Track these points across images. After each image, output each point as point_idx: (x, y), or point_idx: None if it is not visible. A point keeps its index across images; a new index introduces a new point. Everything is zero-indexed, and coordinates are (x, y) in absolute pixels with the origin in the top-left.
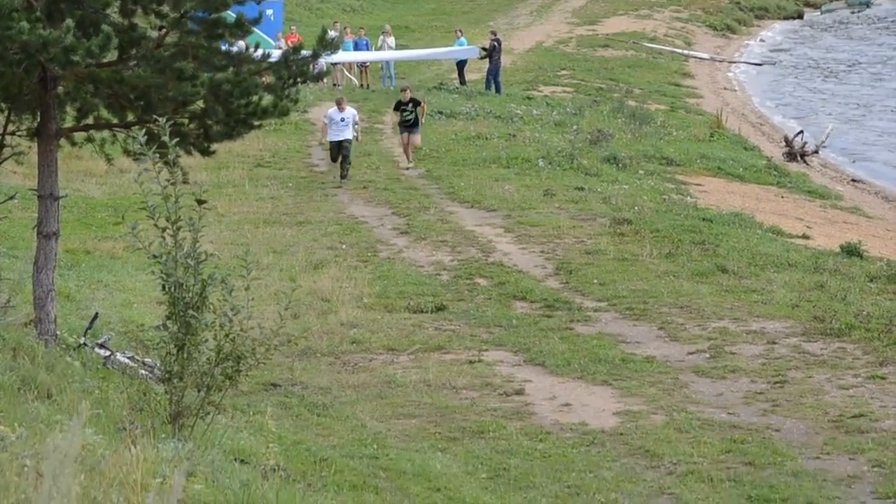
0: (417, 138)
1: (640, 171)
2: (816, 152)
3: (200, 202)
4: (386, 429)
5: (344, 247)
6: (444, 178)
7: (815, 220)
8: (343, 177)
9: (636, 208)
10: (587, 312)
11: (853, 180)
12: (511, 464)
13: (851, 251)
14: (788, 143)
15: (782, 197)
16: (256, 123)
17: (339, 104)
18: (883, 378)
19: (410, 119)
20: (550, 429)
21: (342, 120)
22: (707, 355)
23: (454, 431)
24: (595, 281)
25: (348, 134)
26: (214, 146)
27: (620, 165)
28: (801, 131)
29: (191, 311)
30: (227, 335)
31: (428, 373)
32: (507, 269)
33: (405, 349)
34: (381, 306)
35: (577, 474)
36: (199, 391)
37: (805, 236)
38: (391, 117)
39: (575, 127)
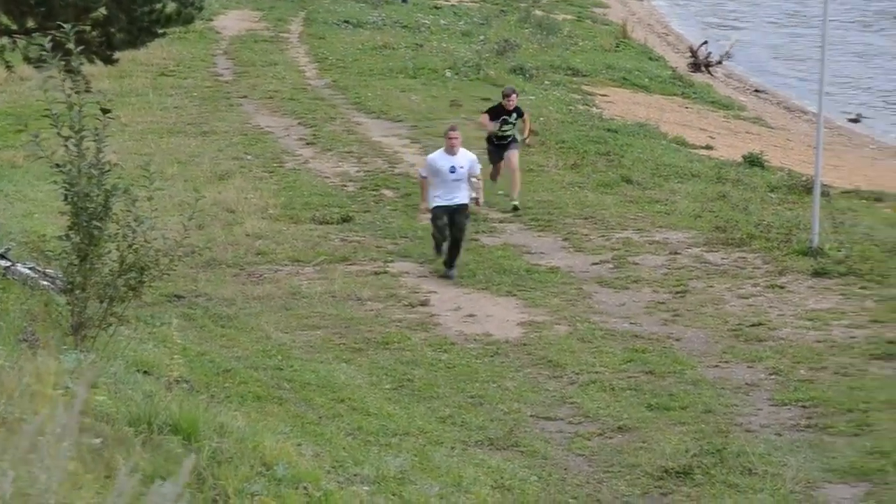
0: (516, 157)
1: (547, 82)
2: (720, 63)
3: (105, 111)
4: (290, 340)
5: (249, 157)
6: (351, 88)
7: (718, 131)
8: (450, 265)
9: (542, 119)
10: (492, 223)
11: (756, 91)
12: (415, 374)
13: (753, 161)
14: (693, 53)
15: (686, 108)
16: (160, 31)
17: (450, 140)
18: (781, 287)
19: (509, 135)
20: (455, 339)
21: (453, 171)
22: (610, 266)
23: (359, 343)
24: (500, 192)
25: (464, 195)
26: (117, 54)
27: (527, 76)
28: (706, 42)
29: (94, 222)
30: (130, 246)
31: (333, 284)
32: (413, 181)
33: (310, 261)
34: (287, 217)
35: (481, 384)
36: (101, 302)
37: (708, 147)
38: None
39: (482, 37)
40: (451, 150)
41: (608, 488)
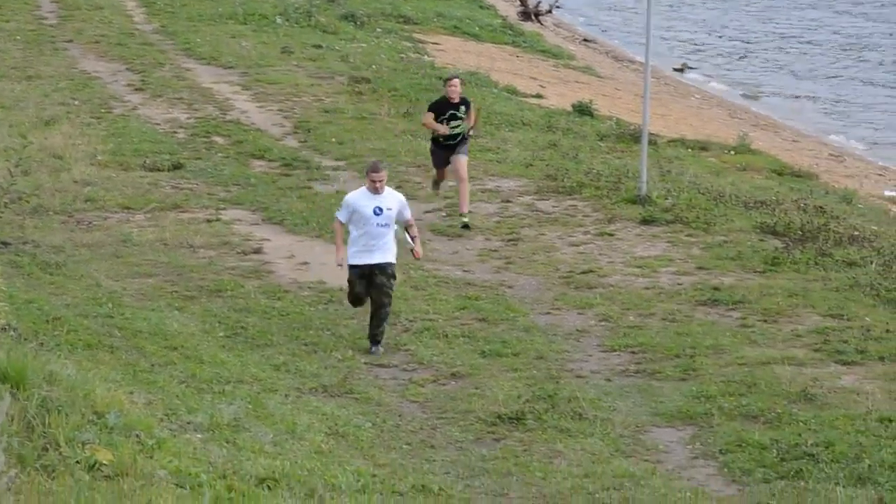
0: (464, 162)
1: (378, 30)
2: (550, 12)
3: None
4: (121, 288)
5: (76, 103)
6: (180, 33)
7: (548, 80)
8: (372, 339)
9: (374, 67)
10: (326, 171)
11: (585, 40)
12: (249, 322)
13: (583, 110)
14: (523, 2)
15: (517, 56)
16: None
17: (372, 182)
18: (611, 235)
19: (459, 133)
20: (288, 287)
21: (378, 212)
22: (443, 214)
23: (191, 290)
24: (333, 140)
25: (389, 250)
26: None
27: (358, 23)
28: None
29: None
30: None
31: (164, 231)
32: (245, 128)
33: (141, 208)
34: (116, 164)
35: (315, 332)
36: None
37: (539, 96)
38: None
39: None
40: (374, 190)
41: (442, 434)
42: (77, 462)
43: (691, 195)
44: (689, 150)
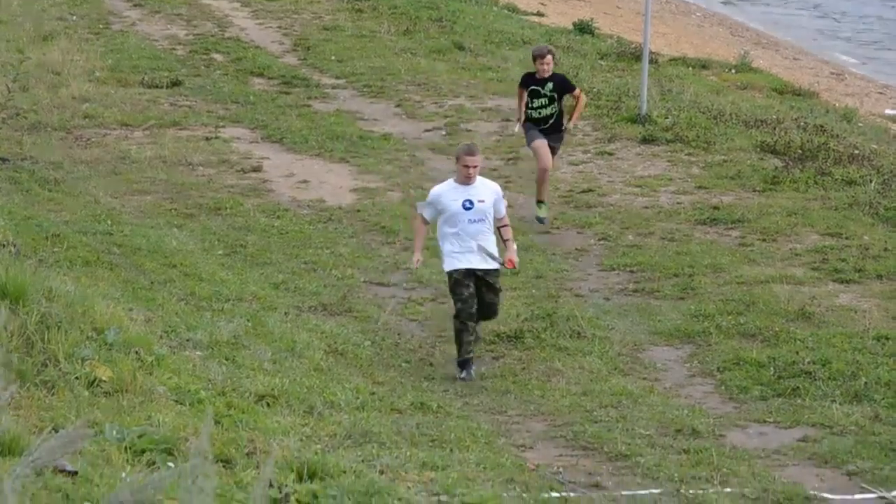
0: (553, 154)
1: None
2: None
3: None
4: (120, 205)
5: (74, 18)
6: None
7: None
8: (465, 360)
9: None
10: (325, 89)
11: None
12: (248, 240)
13: (583, 29)
14: None
15: None
16: None
17: (467, 160)
18: (611, 154)
19: (550, 115)
20: (288, 206)
21: (468, 206)
22: (443, 132)
23: (190, 208)
24: (333, 58)
25: (491, 250)
26: None
27: None
28: None
29: None
30: None
31: (163, 149)
32: (244, 45)
33: (140, 124)
34: (115, 80)
35: (314, 251)
36: None
37: (539, 14)
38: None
39: None
40: (465, 181)
41: (440, 352)
42: (76, 378)
43: (691, 114)
44: (690, 68)
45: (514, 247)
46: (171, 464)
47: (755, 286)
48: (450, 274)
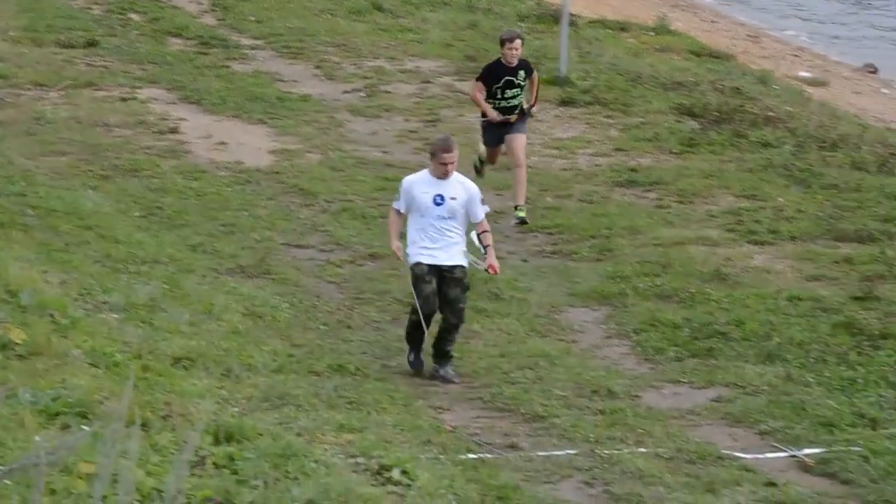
0: (522, 142)
1: None
2: None
3: None
4: (35, 166)
5: None
6: None
7: None
8: (441, 356)
9: None
10: (244, 50)
11: None
12: (165, 202)
13: None
14: None
15: None
16: None
17: (444, 157)
18: (530, 116)
19: (516, 105)
20: (206, 167)
21: (439, 202)
22: (362, 94)
23: (107, 169)
24: (251, 18)
25: (456, 249)
26: None
27: None
28: None
29: None
30: None
31: (79, 109)
32: (161, 5)
33: (55, 85)
34: (29, 40)
35: (232, 212)
36: None
37: None
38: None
39: None
40: (440, 176)
41: (359, 315)
42: None
43: (610, 76)
44: (609, 30)
45: (493, 252)
46: (84, 427)
47: (671, 248)
48: (412, 268)
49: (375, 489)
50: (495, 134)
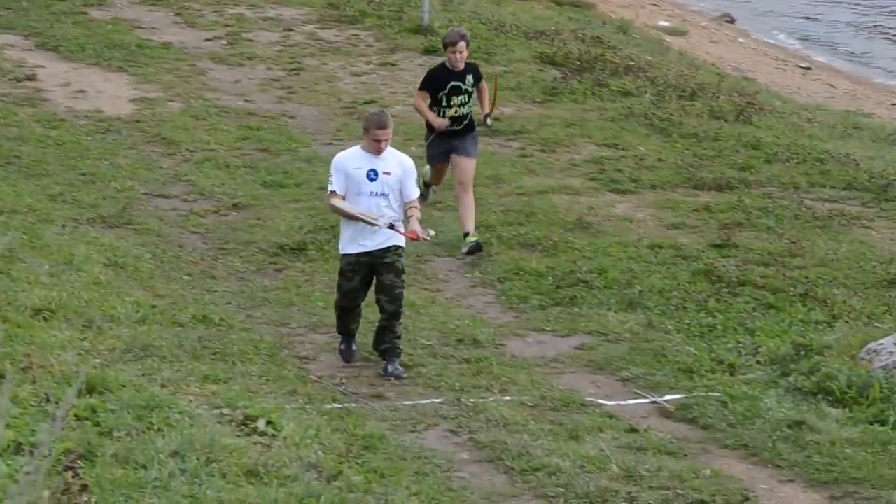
0: (471, 166)
1: None
2: None
3: None
4: None
5: None
6: None
7: None
8: (389, 353)
9: None
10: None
11: None
12: (23, 151)
13: None
14: None
15: None
16: None
17: (377, 134)
18: (393, 65)
19: (465, 114)
20: (64, 116)
21: (372, 177)
22: (224, 42)
23: None
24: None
25: (388, 232)
26: None
27: None
28: None
29: None
30: None
31: None
32: None
33: None
34: None
35: (93, 162)
36: None
37: None
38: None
39: None
40: (373, 151)
41: (223, 265)
42: None
43: (473, 25)
44: None
45: (418, 223)
46: None
47: (535, 197)
48: (342, 258)
49: (240, 440)
50: (442, 149)
